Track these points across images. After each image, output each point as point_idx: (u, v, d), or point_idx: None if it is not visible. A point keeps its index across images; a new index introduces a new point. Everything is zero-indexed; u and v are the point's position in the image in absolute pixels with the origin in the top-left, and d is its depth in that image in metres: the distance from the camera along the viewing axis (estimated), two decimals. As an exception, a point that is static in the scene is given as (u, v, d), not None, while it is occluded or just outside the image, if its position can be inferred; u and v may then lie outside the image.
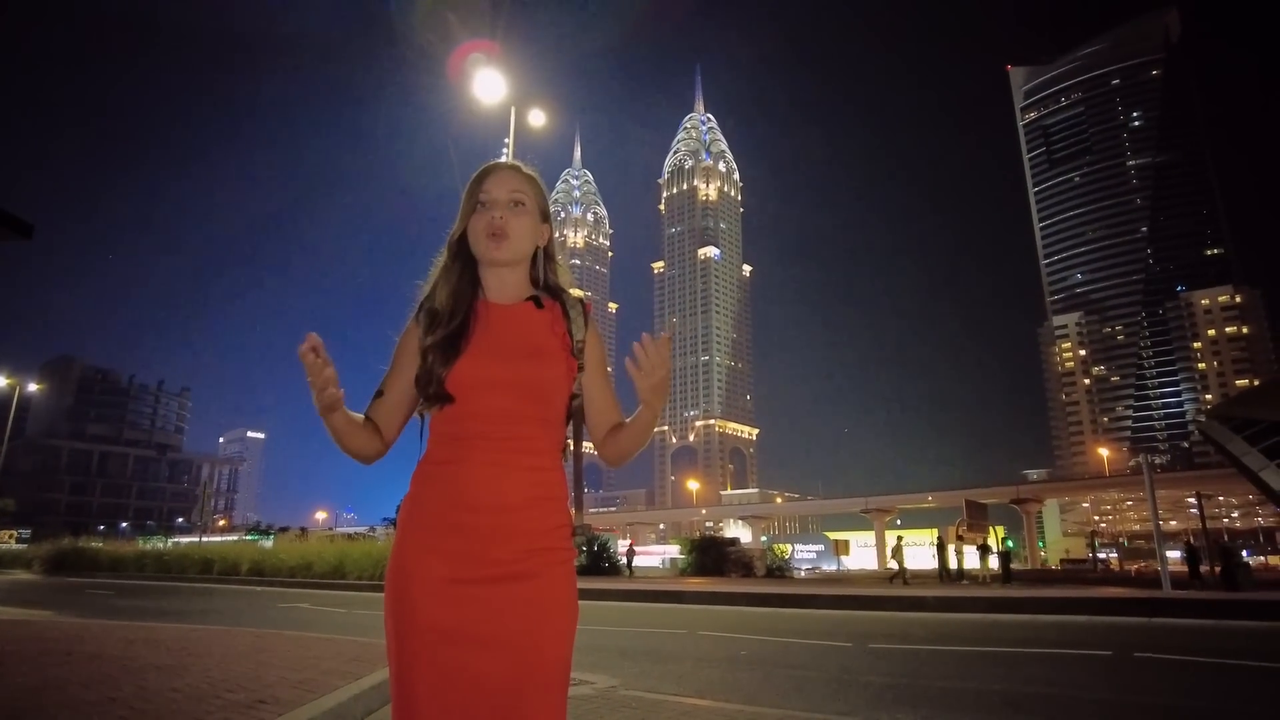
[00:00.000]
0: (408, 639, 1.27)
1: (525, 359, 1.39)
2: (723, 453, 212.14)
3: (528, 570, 1.31)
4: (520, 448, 1.36)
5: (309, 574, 19.22)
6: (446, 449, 1.36)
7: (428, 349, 1.39)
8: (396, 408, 1.43)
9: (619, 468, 1.54)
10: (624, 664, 6.09)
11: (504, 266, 1.47)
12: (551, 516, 1.37)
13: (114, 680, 4.47)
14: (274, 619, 10.19)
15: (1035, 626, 9.63)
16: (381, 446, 1.43)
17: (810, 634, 8.55)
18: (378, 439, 1.42)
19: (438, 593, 1.27)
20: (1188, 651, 7.12)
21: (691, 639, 8.19)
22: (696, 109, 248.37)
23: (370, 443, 1.40)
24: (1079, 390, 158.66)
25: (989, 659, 6.64)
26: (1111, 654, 6.92)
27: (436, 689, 1.23)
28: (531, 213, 1.48)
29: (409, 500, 1.36)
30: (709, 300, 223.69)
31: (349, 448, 1.39)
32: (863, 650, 7.13)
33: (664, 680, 5.38)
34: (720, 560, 23.05)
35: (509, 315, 1.45)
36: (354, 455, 1.41)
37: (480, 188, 1.47)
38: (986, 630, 9.13)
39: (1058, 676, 5.65)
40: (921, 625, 9.73)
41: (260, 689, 4.22)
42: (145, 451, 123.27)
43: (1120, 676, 5.84)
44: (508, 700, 1.23)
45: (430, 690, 1.23)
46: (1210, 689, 5.37)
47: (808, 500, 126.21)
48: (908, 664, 6.22)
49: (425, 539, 1.31)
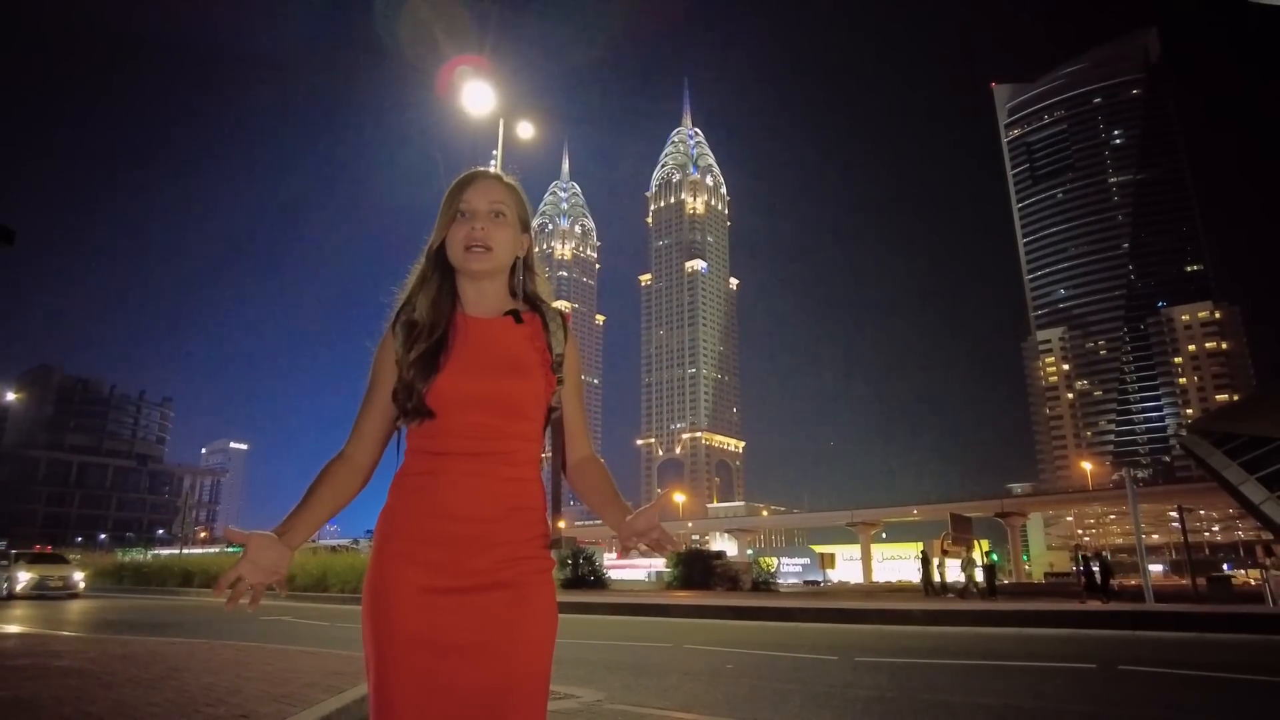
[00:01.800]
0: (387, 649, 1.25)
1: (504, 375, 1.37)
2: (709, 465, 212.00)
3: (506, 580, 1.29)
4: (499, 460, 1.35)
5: (291, 586, 18.96)
6: (424, 462, 1.35)
7: (407, 364, 1.37)
8: (380, 428, 1.42)
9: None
10: (609, 677, 6.04)
11: (483, 279, 1.45)
12: (530, 527, 1.36)
13: (90, 695, 4.39)
14: (255, 632, 10.06)
15: (1020, 640, 9.65)
16: (363, 480, 1.41)
17: (796, 647, 8.53)
18: (357, 477, 1.40)
19: (416, 602, 1.26)
20: (1171, 664, 7.15)
21: (677, 652, 8.15)
22: (684, 123, 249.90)
23: (350, 486, 1.40)
24: (1062, 404, 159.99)
25: (975, 672, 6.65)
26: (1096, 666, 6.94)
27: (416, 700, 1.21)
28: (512, 224, 1.46)
29: (387, 511, 1.35)
30: (696, 313, 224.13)
31: (339, 510, 1.40)
32: (849, 663, 7.11)
33: (650, 694, 5.35)
34: (706, 573, 23.03)
35: (488, 330, 1.43)
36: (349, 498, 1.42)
37: (460, 197, 1.44)
38: (972, 643, 9.14)
39: (1043, 689, 5.66)
40: (907, 639, 9.74)
41: (241, 703, 4.15)
42: (125, 462, 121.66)
43: (1105, 689, 5.86)
44: (488, 711, 1.22)
45: (409, 701, 1.21)
46: (1194, 701, 5.39)
47: (793, 513, 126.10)
48: (894, 677, 6.21)
49: (404, 549, 1.30)
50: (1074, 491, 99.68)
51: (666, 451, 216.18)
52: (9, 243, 4.90)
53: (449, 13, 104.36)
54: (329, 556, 20.94)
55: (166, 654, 6.53)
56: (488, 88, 12.05)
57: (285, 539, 1.29)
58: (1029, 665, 7.12)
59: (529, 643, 1.28)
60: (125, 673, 5.30)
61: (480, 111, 12.12)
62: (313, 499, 1.35)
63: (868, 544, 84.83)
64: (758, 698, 5.28)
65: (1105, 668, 6.87)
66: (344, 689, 4.56)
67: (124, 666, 5.63)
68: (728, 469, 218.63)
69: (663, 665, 6.99)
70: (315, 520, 1.35)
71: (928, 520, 78.72)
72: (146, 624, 11.56)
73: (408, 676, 1.23)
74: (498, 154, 13.08)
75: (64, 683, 4.82)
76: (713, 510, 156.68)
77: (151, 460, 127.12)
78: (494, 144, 12.98)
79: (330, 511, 1.36)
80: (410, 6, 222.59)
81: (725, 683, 5.98)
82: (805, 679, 6.09)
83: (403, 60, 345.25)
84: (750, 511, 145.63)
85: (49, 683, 4.80)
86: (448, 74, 12.11)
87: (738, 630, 10.93)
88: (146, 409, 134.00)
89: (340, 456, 1.40)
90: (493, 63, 12.96)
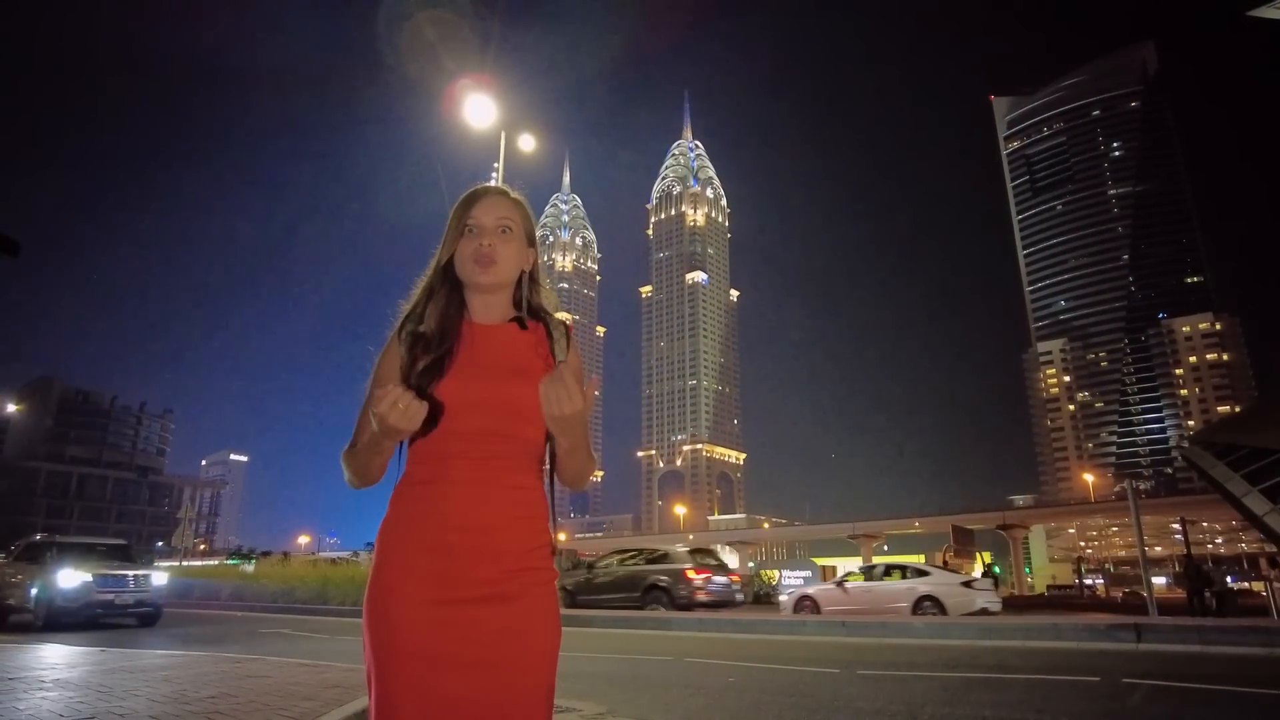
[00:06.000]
0: (388, 661, 1.24)
1: (507, 379, 1.38)
2: (710, 477, 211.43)
3: (510, 591, 1.29)
4: (501, 467, 1.35)
5: (291, 599, 18.94)
6: (426, 469, 1.35)
7: (414, 373, 1.38)
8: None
9: (576, 489, 1.53)
10: (611, 691, 6.01)
11: (490, 293, 1.47)
12: (533, 536, 1.36)
13: (89, 708, 4.38)
14: (255, 645, 10.02)
15: (1023, 652, 9.60)
16: (383, 470, 1.41)
17: (798, 660, 8.49)
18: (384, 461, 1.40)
19: (419, 614, 1.26)
20: (1175, 677, 7.11)
21: (679, 665, 8.11)
22: (684, 135, 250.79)
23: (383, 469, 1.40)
24: (1064, 416, 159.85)
25: (978, 685, 6.61)
26: (1099, 679, 6.90)
27: (418, 714, 1.21)
28: (518, 238, 1.49)
29: (389, 521, 1.35)
30: (696, 325, 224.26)
31: (370, 474, 1.37)
32: (852, 676, 7.08)
33: (652, 707, 5.32)
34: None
35: (492, 335, 1.45)
36: (366, 481, 1.38)
37: (468, 213, 1.47)
38: (975, 656, 9.10)
39: (1047, 702, 5.62)
40: (909, 652, 9.69)
41: (240, 715, 4.14)
42: (125, 474, 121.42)
43: (1109, 702, 5.82)
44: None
45: (411, 715, 1.21)
46: (1198, 713, 5.36)
47: (795, 525, 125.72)
48: (897, 690, 6.18)
49: (406, 560, 1.30)
50: (1076, 503, 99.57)
51: (667, 463, 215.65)
52: (14, 254, 4.92)
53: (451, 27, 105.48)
54: (329, 569, 20.86)
55: (165, 666, 6.51)
56: (489, 101, 12.13)
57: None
58: (1032, 678, 7.08)
59: (533, 656, 1.28)
60: (125, 685, 5.28)
61: (482, 125, 12.20)
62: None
63: (869, 556, 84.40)
64: (760, 711, 5.25)
65: (1109, 680, 6.84)
66: (344, 702, 4.54)
67: (123, 679, 5.61)
68: (729, 481, 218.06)
69: (664, 679, 6.96)
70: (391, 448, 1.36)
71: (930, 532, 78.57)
72: (145, 636, 11.50)
73: (409, 690, 1.22)
74: (499, 167, 13.15)
75: (61, 694, 4.80)
76: (714, 523, 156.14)
77: (152, 472, 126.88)
78: (496, 157, 13.06)
79: (388, 457, 1.37)
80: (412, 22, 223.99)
81: (727, 696, 5.95)
82: (808, 692, 6.06)
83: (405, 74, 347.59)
84: (751, 524, 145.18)
85: (49, 695, 4.79)
86: (452, 92, 12.20)
87: (740, 643, 10.88)
88: (147, 420, 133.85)
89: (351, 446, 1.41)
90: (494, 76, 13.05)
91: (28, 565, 12.95)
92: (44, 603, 11.80)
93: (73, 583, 11.85)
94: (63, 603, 11.70)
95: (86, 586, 11.92)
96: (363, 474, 1.36)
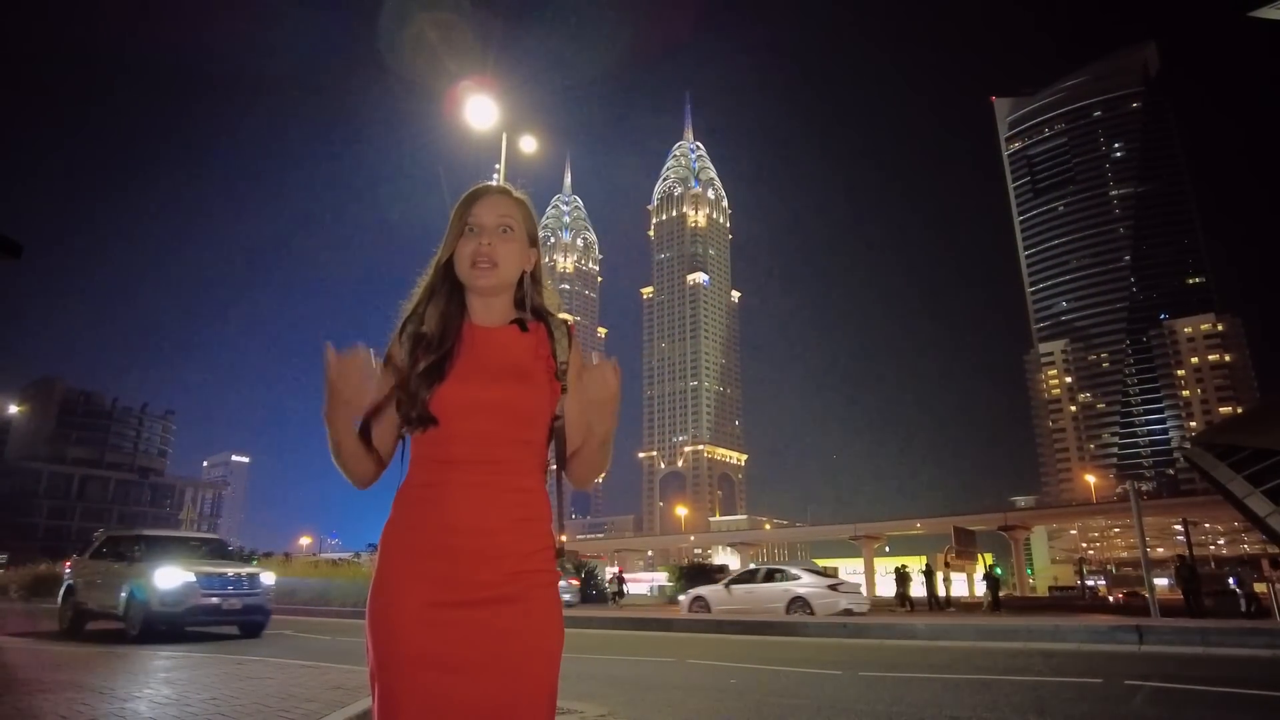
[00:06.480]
0: (390, 665, 1.24)
1: (509, 381, 1.37)
2: (711, 478, 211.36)
3: (513, 594, 1.29)
4: (503, 470, 1.34)
5: (293, 600, 18.96)
6: (429, 472, 1.34)
7: (414, 375, 1.37)
8: (389, 428, 1.40)
9: (585, 489, 1.52)
10: (613, 692, 6.01)
11: (490, 294, 1.46)
12: (535, 538, 1.35)
13: (92, 709, 4.38)
14: (256, 646, 10.01)
15: (1025, 654, 9.59)
16: (379, 467, 1.40)
17: (800, 662, 8.48)
18: (376, 459, 1.39)
19: (421, 617, 1.25)
20: (1177, 679, 7.10)
21: (681, 667, 8.11)
22: (686, 137, 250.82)
23: (371, 464, 1.38)
24: (1065, 417, 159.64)
25: (980, 687, 6.60)
26: (1102, 681, 6.89)
27: (421, 715, 1.20)
28: (520, 238, 1.47)
29: (391, 524, 1.34)
30: (698, 325, 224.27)
31: (351, 467, 1.36)
32: (853, 678, 7.08)
33: (654, 709, 5.32)
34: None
35: (493, 338, 1.44)
36: (354, 475, 1.37)
37: (469, 212, 1.45)
38: (977, 658, 9.09)
39: (1049, 705, 5.61)
40: (911, 653, 9.68)
41: (241, 717, 4.14)
42: (127, 475, 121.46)
43: (1111, 704, 5.81)
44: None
45: (414, 717, 1.20)
46: (1199, 716, 5.35)
47: (796, 526, 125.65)
48: (898, 692, 6.17)
49: (408, 562, 1.29)
50: (1078, 504, 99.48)
51: (668, 464, 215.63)
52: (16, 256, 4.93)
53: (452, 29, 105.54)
54: (331, 570, 20.90)
55: (168, 668, 6.51)
56: (491, 103, 12.14)
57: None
58: (1034, 680, 7.07)
59: (536, 658, 1.27)
60: (128, 686, 5.29)
61: (483, 126, 12.20)
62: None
63: (871, 558, 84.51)
64: (762, 713, 5.25)
65: (1111, 682, 6.83)
66: (346, 704, 4.54)
67: (126, 680, 5.61)
68: (730, 482, 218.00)
69: (666, 680, 6.96)
70: (350, 430, 1.36)
71: (931, 533, 78.44)
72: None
73: (412, 693, 1.21)
74: (501, 168, 13.15)
75: (63, 695, 4.80)
76: (715, 524, 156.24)
77: (153, 473, 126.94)
78: (497, 158, 13.06)
79: (361, 452, 1.37)
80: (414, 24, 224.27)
81: (729, 698, 5.95)
82: (810, 694, 6.06)
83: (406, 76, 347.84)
84: (753, 525, 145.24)
85: (52, 696, 4.79)
86: (453, 94, 12.20)
87: (741, 645, 10.88)
88: (149, 421, 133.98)
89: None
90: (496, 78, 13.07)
91: (112, 563, 10.89)
92: (140, 607, 9.78)
93: (173, 583, 9.78)
94: (161, 607, 9.68)
95: (190, 588, 9.89)
96: (343, 463, 1.36)
